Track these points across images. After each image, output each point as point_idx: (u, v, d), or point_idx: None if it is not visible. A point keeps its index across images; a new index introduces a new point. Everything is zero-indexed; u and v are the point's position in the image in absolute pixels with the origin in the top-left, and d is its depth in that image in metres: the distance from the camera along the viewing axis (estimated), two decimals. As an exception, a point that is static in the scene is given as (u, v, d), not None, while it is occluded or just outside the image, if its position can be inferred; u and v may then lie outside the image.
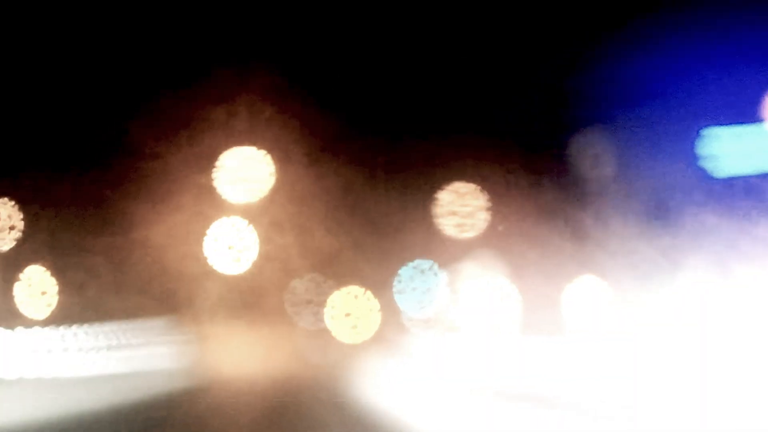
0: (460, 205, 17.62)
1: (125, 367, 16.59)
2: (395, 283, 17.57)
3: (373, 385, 15.64)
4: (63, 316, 17.18)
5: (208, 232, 17.55)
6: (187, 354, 17.01)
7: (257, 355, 16.80)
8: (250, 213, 17.81)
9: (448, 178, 17.70)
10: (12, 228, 17.57)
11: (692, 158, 16.29)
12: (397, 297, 17.57)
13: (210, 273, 17.47)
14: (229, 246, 17.48)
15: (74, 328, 16.67)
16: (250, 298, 17.44)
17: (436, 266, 17.59)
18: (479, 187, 17.65)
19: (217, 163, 17.63)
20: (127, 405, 14.57)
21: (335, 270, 17.57)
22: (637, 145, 16.13)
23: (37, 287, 17.60)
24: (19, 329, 16.25)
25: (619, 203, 16.44)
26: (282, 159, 17.72)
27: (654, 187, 16.35)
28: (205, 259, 17.46)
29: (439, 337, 17.04)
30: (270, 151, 17.76)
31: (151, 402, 15.06)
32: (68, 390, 15.03)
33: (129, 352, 16.87)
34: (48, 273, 17.61)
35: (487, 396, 14.08)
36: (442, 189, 17.75)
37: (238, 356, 16.80)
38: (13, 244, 17.55)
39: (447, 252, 17.53)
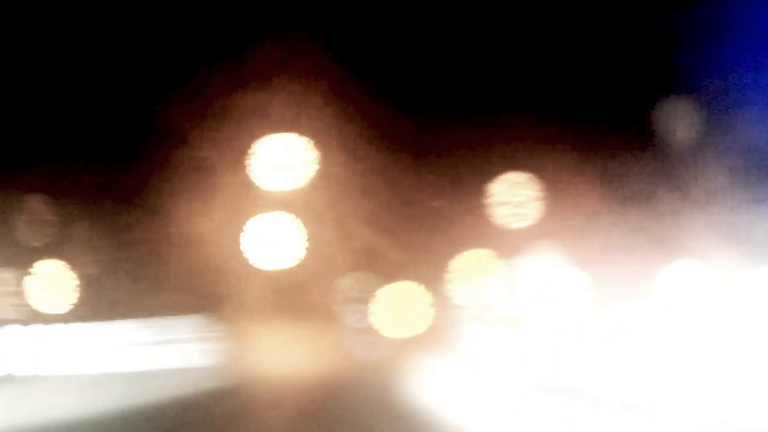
0: (513, 195, 16.95)
1: (163, 364, 16.43)
2: (448, 274, 16.91)
3: (423, 385, 15.07)
4: (95, 313, 16.87)
5: (247, 227, 16.94)
6: (227, 352, 16.60)
7: (299, 353, 16.29)
8: (291, 206, 17.15)
9: (501, 165, 16.98)
10: (42, 223, 17.22)
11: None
12: (450, 289, 16.91)
13: (250, 269, 16.87)
14: (271, 242, 16.93)
15: (107, 324, 16.61)
16: (292, 295, 16.81)
17: (492, 255, 16.92)
18: (535, 175, 16.90)
19: (255, 151, 16.99)
20: (164, 403, 14.58)
21: (382, 264, 16.90)
22: (726, 117, 15.31)
23: (64, 283, 17.26)
24: (54, 325, 16.33)
25: (708, 188, 15.61)
26: (323, 146, 17.04)
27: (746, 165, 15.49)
28: (246, 255, 16.87)
29: (496, 332, 16.46)
30: (311, 137, 17.07)
31: (188, 400, 14.98)
32: (110, 387, 15.15)
33: (166, 349, 16.57)
34: (76, 269, 17.26)
35: (545, 396, 13.79)
36: (493, 177, 17.04)
37: (278, 354, 16.28)
38: (45, 240, 17.20)
39: (502, 243, 16.84)
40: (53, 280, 17.08)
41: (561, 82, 16.00)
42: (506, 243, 16.77)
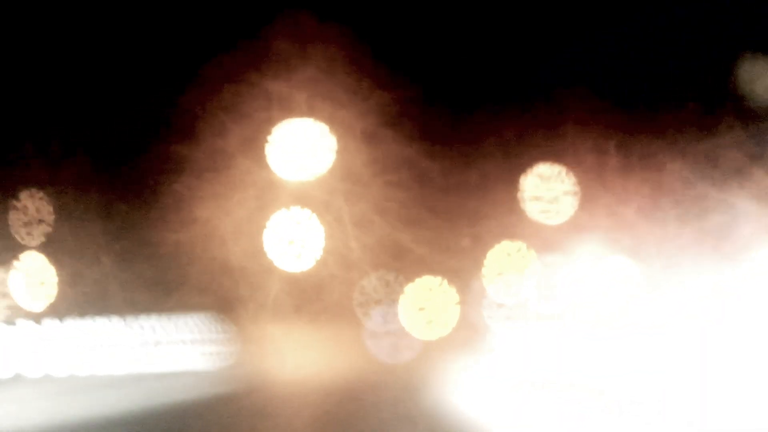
0: (546, 190, 16.24)
1: (177, 366, 16.17)
2: (480, 270, 16.21)
3: (450, 387, 14.66)
4: (108, 313, 16.48)
5: (266, 223, 16.23)
6: (243, 353, 16.20)
7: (318, 356, 15.79)
8: (310, 201, 16.41)
9: (533, 157, 16.26)
10: (41, 222, 16.77)
11: None
12: (480, 285, 16.25)
13: (269, 269, 16.19)
14: (290, 240, 16.21)
15: (122, 323, 16.34)
16: (311, 296, 16.16)
17: (525, 248, 16.22)
18: (570, 167, 16.16)
19: (271, 138, 16.25)
20: (176, 404, 14.55)
21: (406, 262, 16.17)
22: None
23: (69, 283, 16.86)
24: (68, 323, 16.04)
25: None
26: (343, 134, 16.26)
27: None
28: (265, 253, 16.17)
29: (529, 331, 15.93)
30: (332, 126, 16.27)
31: (201, 402, 14.86)
32: (123, 388, 15.19)
33: (180, 350, 16.25)
34: (79, 268, 16.81)
35: (581, 397, 13.63)
36: (524, 170, 16.33)
37: (297, 357, 15.84)
38: (42, 239, 16.72)
39: (536, 237, 16.21)
40: (62, 279, 16.79)
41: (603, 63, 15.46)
42: (540, 238, 16.15)
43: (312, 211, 16.26)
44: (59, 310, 16.52)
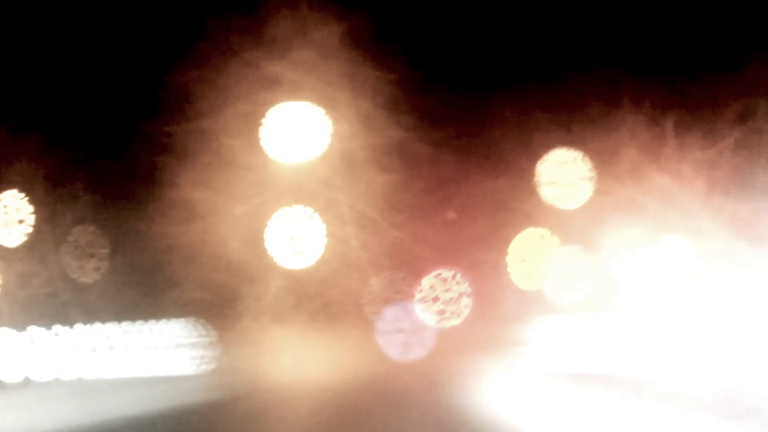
0: (562, 174, 15.74)
1: (176, 369, 15.90)
2: (497, 259, 15.73)
3: (465, 386, 14.37)
4: (107, 315, 16.04)
5: (265, 216, 15.60)
6: (245, 356, 15.66)
7: (322, 356, 15.37)
8: (312, 199, 15.69)
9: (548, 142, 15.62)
10: (21, 222, 16.06)
11: None
12: (497, 277, 15.76)
13: (270, 267, 15.56)
14: (290, 236, 15.59)
15: (122, 326, 16.04)
16: (312, 294, 15.57)
17: (549, 234, 15.79)
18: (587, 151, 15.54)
19: (265, 120, 15.55)
20: (175, 408, 14.48)
21: (416, 256, 15.50)
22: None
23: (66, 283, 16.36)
24: (62, 328, 15.73)
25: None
26: (341, 118, 15.51)
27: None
28: (265, 250, 15.56)
29: (554, 320, 15.54)
30: (327, 107, 15.54)
31: (203, 405, 14.73)
32: (124, 392, 15.02)
33: (179, 353, 15.95)
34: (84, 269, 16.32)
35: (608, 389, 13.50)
36: (539, 155, 15.75)
37: (298, 358, 15.45)
38: (23, 239, 16.04)
39: (554, 225, 15.76)
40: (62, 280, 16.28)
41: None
42: (558, 225, 15.71)
43: (312, 209, 15.66)
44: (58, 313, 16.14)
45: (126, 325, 16.05)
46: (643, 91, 14.67)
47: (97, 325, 16.04)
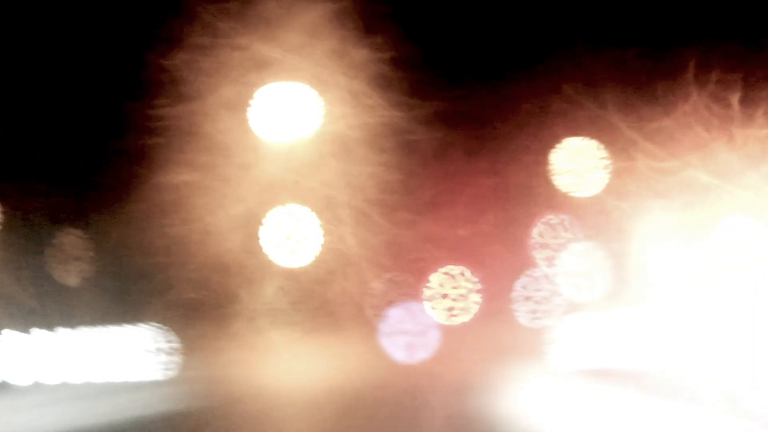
0: (578, 163, 15.28)
1: (165, 374, 15.66)
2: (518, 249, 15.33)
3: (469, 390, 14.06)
4: (99, 319, 15.70)
5: (259, 216, 14.98)
6: (238, 360, 15.21)
7: (323, 358, 15.01)
8: (307, 198, 15.04)
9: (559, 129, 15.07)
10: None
11: None
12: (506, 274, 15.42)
13: (265, 266, 15.02)
14: (287, 236, 15.10)
15: (113, 329, 15.85)
16: (309, 295, 15.11)
17: (566, 221, 15.45)
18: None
19: (253, 102, 14.97)
20: (165, 414, 14.42)
21: (422, 253, 14.97)
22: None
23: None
24: (60, 331, 15.61)
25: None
26: (336, 101, 14.81)
27: None
28: (260, 248, 14.99)
29: (571, 317, 15.25)
30: (322, 90, 14.91)
31: (193, 410, 14.58)
32: (116, 396, 14.99)
33: (168, 358, 15.64)
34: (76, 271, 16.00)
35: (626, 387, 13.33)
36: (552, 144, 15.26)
37: (296, 361, 15.08)
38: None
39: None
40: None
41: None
42: (576, 215, 15.30)
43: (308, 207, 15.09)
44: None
45: (110, 329, 15.78)
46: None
47: (80, 329, 15.76)
